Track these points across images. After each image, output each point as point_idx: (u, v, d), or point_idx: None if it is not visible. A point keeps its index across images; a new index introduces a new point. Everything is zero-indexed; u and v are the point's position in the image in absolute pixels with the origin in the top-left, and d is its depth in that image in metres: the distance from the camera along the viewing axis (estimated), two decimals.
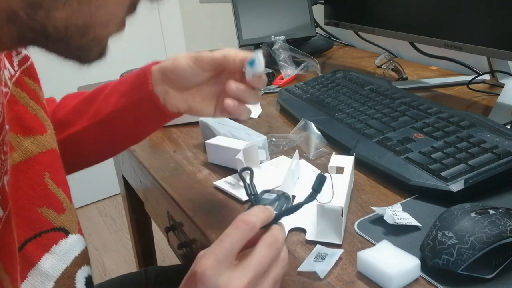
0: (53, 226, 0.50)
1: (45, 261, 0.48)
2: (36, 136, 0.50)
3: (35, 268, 0.47)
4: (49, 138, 0.52)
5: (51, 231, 0.49)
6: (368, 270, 0.47)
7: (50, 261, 0.48)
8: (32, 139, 0.50)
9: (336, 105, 0.83)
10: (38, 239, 0.48)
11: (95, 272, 1.94)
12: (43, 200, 0.49)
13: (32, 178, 0.49)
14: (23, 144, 0.48)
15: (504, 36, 0.75)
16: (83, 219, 2.21)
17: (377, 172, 0.65)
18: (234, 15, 1.23)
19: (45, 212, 0.49)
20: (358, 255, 0.48)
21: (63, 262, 0.49)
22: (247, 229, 0.41)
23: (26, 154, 0.48)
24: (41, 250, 0.48)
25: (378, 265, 0.46)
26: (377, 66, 1.19)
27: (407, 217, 0.54)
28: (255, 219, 0.41)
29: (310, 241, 0.53)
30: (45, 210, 0.49)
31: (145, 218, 1.28)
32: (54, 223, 0.50)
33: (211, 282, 0.38)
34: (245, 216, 0.41)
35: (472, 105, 0.90)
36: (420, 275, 0.46)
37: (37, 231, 0.48)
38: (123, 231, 2.11)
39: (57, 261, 0.49)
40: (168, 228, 0.79)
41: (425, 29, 0.90)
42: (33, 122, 0.51)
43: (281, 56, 1.11)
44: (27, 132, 0.49)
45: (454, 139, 0.65)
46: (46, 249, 0.48)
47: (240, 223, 0.41)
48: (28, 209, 0.47)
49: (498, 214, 0.46)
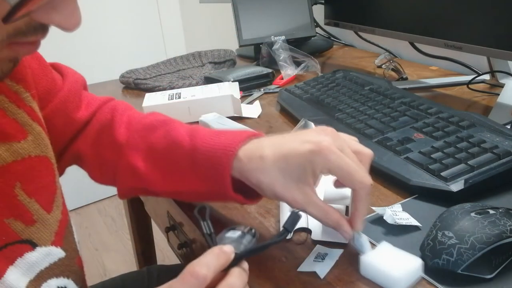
0: (19, 238, 0.47)
1: (10, 274, 0.46)
2: (12, 143, 0.48)
3: (1, 281, 0.45)
4: (28, 144, 0.49)
5: (16, 243, 0.47)
6: (372, 274, 0.46)
7: (14, 274, 0.46)
8: (6, 146, 0.47)
9: (336, 105, 0.83)
10: (4, 251, 0.46)
11: (95, 272, 1.94)
12: (11, 211, 0.47)
13: (1, 188, 0.46)
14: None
15: (504, 36, 0.75)
16: (83, 219, 2.21)
17: (377, 172, 0.65)
18: (234, 15, 1.23)
19: (12, 223, 0.47)
20: (360, 260, 0.47)
21: (27, 276, 0.48)
22: (195, 284, 0.36)
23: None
24: (6, 262, 0.46)
25: (383, 268, 0.45)
26: (377, 66, 1.19)
27: (407, 217, 0.54)
28: (205, 271, 0.37)
29: (313, 241, 0.53)
30: (12, 222, 0.47)
31: (145, 218, 1.28)
32: (21, 235, 0.48)
33: None
34: (195, 267, 0.37)
35: (472, 105, 0.90)
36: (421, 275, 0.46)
37: (2, 243, 0.46)
38: (123, 231, 2.11)
39: (21, 274, 0.47)
40: (168, 228, 0.79)
41: (425, 29, 0.90)
42: (10, 128, 0.48)
43: (281, 56, 1.11)
44: (1, 138, 0.47)
45: (454, 139, 0.65)
46: (11, 261, 0.46)
47: (188, 276, 0.36)
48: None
49: (498, 214, 0.46)
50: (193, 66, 1.24)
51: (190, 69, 1.22)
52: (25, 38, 0.37)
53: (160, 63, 1.27)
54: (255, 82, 1.06)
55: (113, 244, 2.04)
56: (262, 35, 1.21)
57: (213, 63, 1.23)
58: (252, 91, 1.05)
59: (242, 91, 1.02)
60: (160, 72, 1.19)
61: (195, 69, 1.21)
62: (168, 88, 1.05)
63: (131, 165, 0.58)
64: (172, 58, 1.29)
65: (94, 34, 2.12)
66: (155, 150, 0.57)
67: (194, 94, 0.89)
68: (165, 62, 1.27)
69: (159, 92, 0.95)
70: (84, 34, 2.01)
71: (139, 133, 0.60)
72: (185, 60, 1.28)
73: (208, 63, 1.22)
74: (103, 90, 1.16)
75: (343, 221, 0.48)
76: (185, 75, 1.15)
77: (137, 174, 0.57)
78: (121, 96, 1.11)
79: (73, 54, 2.07)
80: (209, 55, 1.28)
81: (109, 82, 1.21)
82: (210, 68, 1.20)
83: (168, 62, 1.27)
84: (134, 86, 1.13)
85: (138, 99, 1.05)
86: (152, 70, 1.21)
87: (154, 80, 1.13)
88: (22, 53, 0.39)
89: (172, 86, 1.05)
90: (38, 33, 0.37)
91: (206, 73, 1.13)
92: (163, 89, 1.06)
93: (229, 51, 1.28)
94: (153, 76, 1.16)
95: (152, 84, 1.09)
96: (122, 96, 1.12)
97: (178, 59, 1.28)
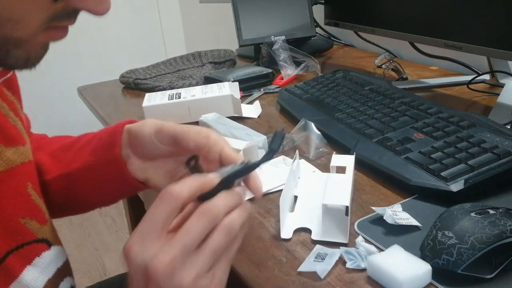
0: (35, 238, 0.48)
1: (27, 273, 0.46)
2: (18, 147, 0.49)
3: (17, 281, 0.45)
4: (28, 150, 0.51)
5: (33, 242, 0.48)
6: (378, 275, 0.46)
7: (32, 273, 0.47)
8: (14, 149, 0.48)
9: (336, 105, 0.83)
10: (20, 251, 0.46)
11: (95, 272, 1.95)
12: (26, 210, 0.48)
13: (15, 188, 0.47)
14: (5, 154, 0.47)
15: (504, 36, 0.75)
16: (83, 219, 2.21)
17: (377, 172, 0.65)
18: (234, 15, 1.23)
19: (28, 223, 0.48)
20: (368, 260, 0.47)
21: (45, 275, 0.48)
22: (172, 200, 0.36)
23: (8, 164, 0.47)
24: (23, 262, 0.46)
25: (389, 270, 0.45)
26: (377, 66, 1.19)
27: (407, 217, 0.54)
28: (180, 187, 0.36)
29: (313, 240, 0.53)
30: (28, 221, 0.48)
31: None
32: (37, 234, 0.48)
33: (137, 258, 0.35)
34: (170, 186, 0.37)
35: (472, 105, 0.90)
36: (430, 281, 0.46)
37: (19, 242, 0.46)
38: (123, 231, 2.11)
39: (39, 274, 0.48)
40: None
41: (425, 29, 0.90)
42: (14, 133, 0.50)
43: (281, 56, 1.11)
44: (9, 142, 0.48)
45: (454, 139, 0.65)
46: (28, 261, 0.47)
47: (164, 193, 0.36)
48: (10, 220, 0.46)
49: (498, 214, 0.46)
50: (193, 66, 1.24)
51: (190, 69, 1.22)
52: (59, 22, 0.39)
53: (160, 63, 1.27)
54: (255, 82, 1.06)
55: (113, 244, 2.04)
56: (262, 35, 1.21)
57: (213, 63, 1.23)
58: (252, 91, 1.05)
59: (242, 91, 1.02)
60: (160, 72, 1.19)
61: (195, 69, 1.21)
62: (168, 88, 1.05)
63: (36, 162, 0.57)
64: (172, 58, 1.29)
65: (94, 34, 2.12)
66: (58, 149, 0.60)
67: (194, 94, 0.89)
68: (165, 62, 1.27)
69: (159, 92, 0.95)
70: (84, 34, 2.01)
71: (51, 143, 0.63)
72: (185, 60, 1.28)
73: (208, 63, 1.22)
74: (103, 90, 1.16)
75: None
76: (185, 75, 1.15)
77: (39, 168, 0.57)
78: (121, 96, 1.11)
79: (73, 54, 2.07)
80: (209, 55, 1.28)
81: (109, 82, 1.21)
82: (210, 68, 1.20)
83: (168, 62, 1.27)
84: (134, 86, 1.13)
85: (138, 99, 1.05)
86: (152, 70, 1.21)
87: (154, 80, 1.13)
88: (55, 38, 0.41)
89: (172, 86, 1.05)
90: (70, 18, 0.39)
91: (206, 73, 1.13)
92: (163, 89, 1.06)
93: (229, 51, 1.28)
94: (153, 76, 1.16)
95: (152, 84, 1.09)
96: (122, 96, 1.12)
97: (178, 59, 1.28)
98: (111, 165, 0.54)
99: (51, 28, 0.39)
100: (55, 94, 2.19)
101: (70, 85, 1.34)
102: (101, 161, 0.55)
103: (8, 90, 0.52)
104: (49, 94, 2.16)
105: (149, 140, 0.50)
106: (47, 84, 2.14)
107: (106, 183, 0.56)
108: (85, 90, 1.18)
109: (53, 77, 2.13)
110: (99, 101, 1.09)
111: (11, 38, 0.36)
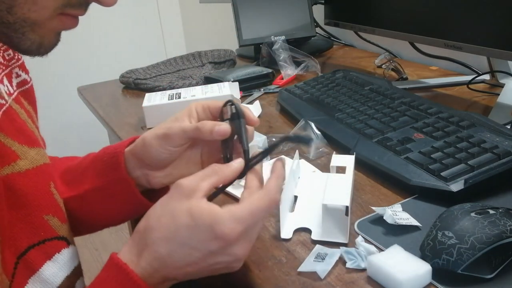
0: (57, 235, 0.50)
1: (47, 268, 0.48)
2: (39, 149, 0.51)
3: (36, 275, 0.47)
4: (46, 153, 0.53)
5: (55, 239, 0.50)
6: (378, 275, 0.46)
7: (51, 269, 0.48)
8: (36, 150, 0.50)
9: (336, 105, 0.83)
10: (42, 246, 0.48)
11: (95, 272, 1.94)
12: (50, 208, 0.50)
13: (40, 186, 0.49)
14: (29, 153, 0.49)
15: (504, 36, 0.75)
16: None
17: (377, 172, 0.65)
18: (234, 15, 1.23)
19: (51, 220, 0.49)
20: (368, 260, 0.47)
21: (63, 271, 0.50)
22: (272, 207, 0.44)
23: (33, 163, 0.49)
24: (44, 257, 0.48)
25: (388, 270, 0.45)
26: (377, 66, 1.19)
27: (407, 217, 0.54)
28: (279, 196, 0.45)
29: (312, 240, 0.53)
30: (51, 218, 0.49)
31: None
32: (58, 231, 0.50)
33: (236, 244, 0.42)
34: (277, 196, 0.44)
35: (472, 105, 0.90)
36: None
37: (41, 238, 0.48)
38: (123, 231, 2.11)
39: (58, 270, 0.49)
40: None
41: (425, 29, 0.90)
42: (34, 137, 0.52)
43: (281, 56, 1.11)
44: (31, 143, 0.50)
45: (454, 139, 0.65)
46: (49, 256, 0.49)
47: (274, 204, 0.44)
48: (34, 216, 0.48)
49: (498, 214, 0.46)
50: (193, 66, 1.24)
51: (190, 69, 1.22)
52: (72, 10, 0.42)
53: (160, 63, 1.27)
54: (255, 82, 1.06)
55: (113, 244, 2.04)
56: (262, 35, 1.21)
57: (213, 63, 1.23)
58: (252, 91, 1.05)
59: (242, 91, 1.02)
60: (160, 72, 1.19)
61: (195, 69, 1.21)
62: (168, 88, 1.05)
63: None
64: (172, 58, 1.29)
65: (94, 34, 2.12)
66: (64, 171, 0.62)
67: (194, 94, 0.89)
68: (165, 62, 1.27)
69: (159, 92, 0.95)
70: (84, 34, 2.01)
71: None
72: (185, 60, 1.28)
73: (208, 63, 1.22)
74: (103, 90, 1.16)
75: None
76: (185, 75, 1.15)
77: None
78: (121, 96, 1.11)
79: (73, 54, 2.07)
80: (209, 55, 1.28)
81: (109, 82, 1.21)
82: (210, 68, 1.20)
83: (168, 62, 1.27)
84: (134, 86, 1.13)
85: (138, 99, 1.05)
86: (152, 70, 1.21)
87: (154, 80, 1.13)
88: (66, 26, 0.43)
89: (172, 86, 1.05)
90: (82, 7, 0.43)
91: (206, 73, 1.13)
92: (163, 89, 1.06)
93: (229, 51, 1.28)
94: (153, 76, 1.16)
95: (152, 84, 1.09)
96: (122, 96, 1.12)
97: (178, 59, 1.28)
98: (119, 185, 0.55)
99: (64, 15, 0.42)
100: (55, 94, 2.19)
101: (70, 85, 1.34)
102: (109, 182, 0.56)
103: (25, 100, 0.55)
104: (49, 94, 2.16)
105: (162, 151, 0.52)
106: (47, 84, 2.15)
107: (116, 203, 0.58)
108: (85, 90, 1.18)
109: (53, 77, 2.13)
110: (99, 101, 1.09)
111: (28, 19, 0.39)
